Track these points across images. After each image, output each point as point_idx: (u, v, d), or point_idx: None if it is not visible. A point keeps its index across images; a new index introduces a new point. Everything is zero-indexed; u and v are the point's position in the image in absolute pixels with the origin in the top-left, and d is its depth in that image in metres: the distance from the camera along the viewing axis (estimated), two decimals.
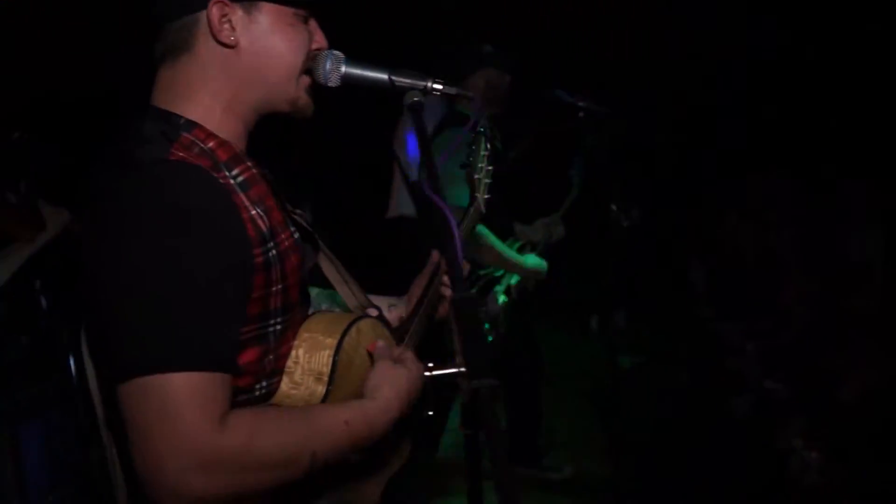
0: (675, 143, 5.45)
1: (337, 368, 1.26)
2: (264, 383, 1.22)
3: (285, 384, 1.26)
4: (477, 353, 0.91)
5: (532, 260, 3.12)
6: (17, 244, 2.60)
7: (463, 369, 0.91)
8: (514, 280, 3.16)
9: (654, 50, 5.29)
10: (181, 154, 1.11)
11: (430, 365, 1.35)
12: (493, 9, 5.09)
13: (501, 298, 3.11)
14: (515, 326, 3.22)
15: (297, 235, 1.27)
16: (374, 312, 1.48)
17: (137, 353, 1.02)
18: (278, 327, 1.21)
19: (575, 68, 4.62)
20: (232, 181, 1.15)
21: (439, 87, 1.26)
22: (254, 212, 1.15)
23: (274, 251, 1.17)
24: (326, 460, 1.15)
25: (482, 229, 3.00)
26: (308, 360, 1.27)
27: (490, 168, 1.81)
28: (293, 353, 1.27)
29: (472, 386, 0.87)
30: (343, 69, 1.27)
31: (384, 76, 1.26)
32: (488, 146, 1.81)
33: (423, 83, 1.25)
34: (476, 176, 1.76)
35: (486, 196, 1.79)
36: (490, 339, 3.03)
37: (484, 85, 3.04)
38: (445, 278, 1.60)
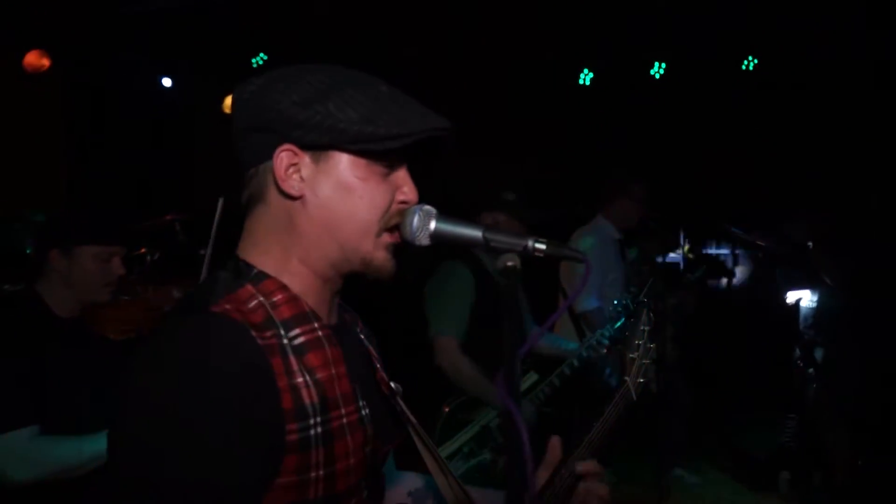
0: None
1: None
2: None
3: None
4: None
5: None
6: None
7: None
8: None
9: None
10: (227, 307, 1.01)
11: None
12: None
13: None
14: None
15: (365, 411, 1.12)
16: None
17: None
18: None
19: None
20: (285, 341, 1.03)
21: (542, 247, 1.08)
22: (299, 380, 1.02)
23: (318, 429, 1.03)
24: None
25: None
26: None
27: (651, 346, 1.56)
28: None
29: None
30: (433, 226, 1.12)
31: (478, 234, 1.10)
32: (650, 319, 1.56)
33: (523, 243, 1.07)
34: (631, 355, 1.54)
35: (640, 380, 1.55)
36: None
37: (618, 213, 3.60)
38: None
